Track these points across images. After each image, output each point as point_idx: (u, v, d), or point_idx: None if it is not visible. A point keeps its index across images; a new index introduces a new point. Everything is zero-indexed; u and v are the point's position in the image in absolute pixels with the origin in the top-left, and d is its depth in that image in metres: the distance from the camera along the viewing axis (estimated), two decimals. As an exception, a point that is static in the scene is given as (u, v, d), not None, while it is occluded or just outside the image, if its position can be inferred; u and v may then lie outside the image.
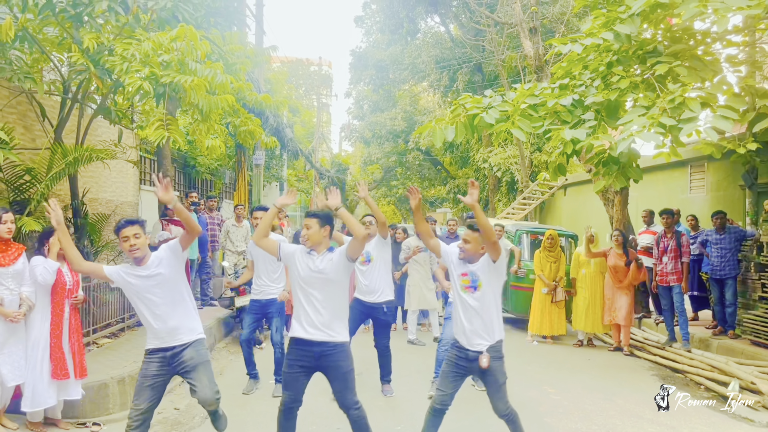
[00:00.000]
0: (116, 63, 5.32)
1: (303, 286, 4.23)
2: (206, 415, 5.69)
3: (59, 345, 4.99)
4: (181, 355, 4.20)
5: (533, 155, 20.73)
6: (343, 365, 4.23)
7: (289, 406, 4.32)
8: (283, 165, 23.84)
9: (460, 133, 7.48)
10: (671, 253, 8.55)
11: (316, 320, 4.18)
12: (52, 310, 4.99)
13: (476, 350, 4.37)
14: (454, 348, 4.52)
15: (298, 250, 4.30)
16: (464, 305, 4.44)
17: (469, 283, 4.43)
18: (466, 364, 4.42)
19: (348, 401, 4.27)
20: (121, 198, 9.75)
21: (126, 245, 4.05)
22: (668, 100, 6.01)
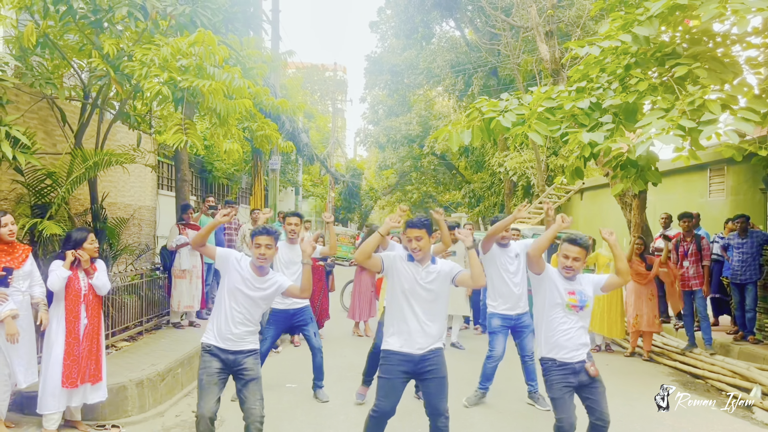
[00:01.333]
0: (135, 68, 5.38)
1: (408, 297, 4.26)
2: (224, 419, 5.74)
3: (71, 352, 4.99)
4: (244, 362, 4.37)
5: (549, 159, 20.63)
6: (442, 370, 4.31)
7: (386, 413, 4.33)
8: (298, 170, 23.97)
9: (476, 137, 7.45)
10: (692, 257, 8.45)
11: (421, 330, 4.23)
12: (66, 317, 5.00)
13: (579, 360, 4.28)
14: (557, 368, 4.29)
15: (398, 258, 4.31)
16: (567, 321, 4.32)
17: (577, 302, 4.33)
18: (573, 379, 4.26)
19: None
20: (140, 202, 9.85)
21: (257, 251, 4.25)
22: (687, 102, 5.94)
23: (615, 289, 8.91)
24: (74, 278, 5.03)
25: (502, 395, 6.62)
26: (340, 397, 6.44)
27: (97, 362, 5.18)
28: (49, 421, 4.97)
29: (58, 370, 4.94)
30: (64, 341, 4.98)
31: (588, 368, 4.22)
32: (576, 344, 4.28)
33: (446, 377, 4.30)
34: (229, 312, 4.30)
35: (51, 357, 4.96)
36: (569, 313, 4.31)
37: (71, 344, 4.99)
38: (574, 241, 4.31)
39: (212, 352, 4.33)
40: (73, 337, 5.01)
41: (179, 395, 6.42)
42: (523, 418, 6.01)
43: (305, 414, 5.90)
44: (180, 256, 8.02)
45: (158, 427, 5.53)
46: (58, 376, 4.93)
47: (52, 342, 4.98)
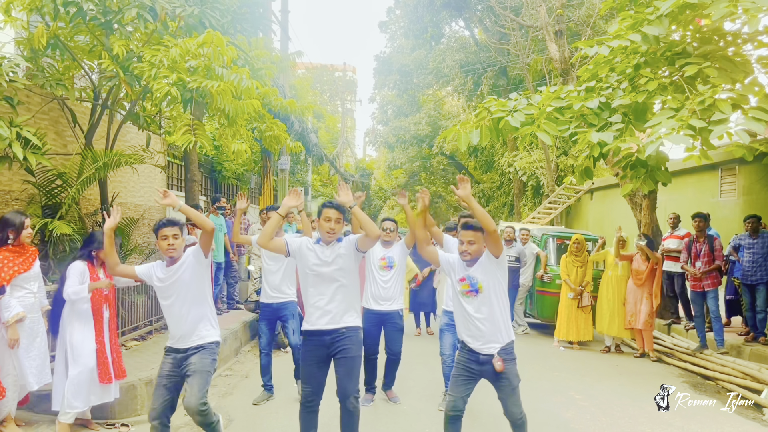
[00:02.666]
0: (145, 69, 5.42)
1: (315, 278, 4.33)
2: (231, 418, 5.76)
3: (103, 350, 5.08)
4: (189, 359, 4.30)
5: (559, 159, 20.56)
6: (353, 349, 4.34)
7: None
8: (307, 170, 23.99)
9: (485, 136, 7.43)
10: (704, 257, 8.39)
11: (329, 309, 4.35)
12: (93, 316, 5.07)
13: (488, 353, 4.18)
14: (465, 351, 4.30)
15: (304, 243, 4.33)
16: (466, 310, 4.22)
17: (469, 287, 4.20)
18: (477, 367, 4.22)
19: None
20: (149, 202, 9.90)
21: (164, 244, 4.19)
22: (698, 101, 5.90)
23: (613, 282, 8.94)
24: (96, 278, 5.09)
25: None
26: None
27: (121, 358, 5.31)
28: (66, 415, 4.99)
29: (92, 368, 5.00)
30: (94, 339, 5.04)
31: (494, 362, 4.12)
32: (481, 337, 4.18)
33: (358, 357, 4.39)
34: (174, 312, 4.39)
35: (81, 357, 4.98)
36: (468, 300, 4.20)
37: (101, 342, 5.08)
38: (466, 226, 4.20)
39: (167, 350, 4.44)
40: (100, 334, 5.10)
41: (188, 394, 6.43)
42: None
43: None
44: None
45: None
46: (90, 375, 4.98)
47: (79, 341, 5.00)
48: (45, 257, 6.26)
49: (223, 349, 7.88)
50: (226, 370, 7.65)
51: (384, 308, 6.14)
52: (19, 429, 4.99)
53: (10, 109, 5.79)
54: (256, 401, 6.25)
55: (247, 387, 6.90)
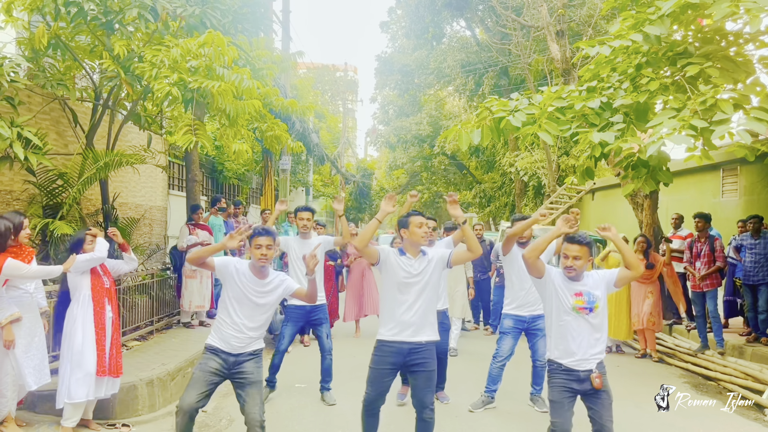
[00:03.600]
0: (146, 69, 5.42)
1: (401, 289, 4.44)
2: (233, 418, 5.76)
3: (100, 341, 5.07)
4: (243, 365, 4.28)
5: (560, 159, 20.54)
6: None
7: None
8: (309, 170, 23.99)
9: (486, 136, 7.42)
10: (704, 258, 8.38)
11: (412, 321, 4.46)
12: (94, 308, 5.06)
13: (587, 369, 4.09)
14: (562, 371, 4.15)
15: (391, 253, 4.46)
16: (577, 326, 4.13)
17: (585, 303, 4.12)
18: (577, 387, 4.11)
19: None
20: (150, 202, 9.90)
21: (257, 252, 4.17)
22: (699, 101, 5.89)
23: (625, 285, 8.90)
24: (97, 274, 5.09)
25: (509, 397, 6.59)
26: (349, 398, 6.43)
27: (120, 355, 5.28)
28: (70, 418, 4.99)
29: (91, 358, 4.99)
30: (93, 331, 5.03)
31: (593, 378, 4.05)
32: (586, 352, 4.11)
33: (435, 371, 4.41)
34: (235, 319, 4.24)
35: (83, 350, 4.97)
36: (578, 316, 4.12)
37: (99, 334, 5.08)
38: (573, 239, 4.12)
39: (214, 351, 4.28)
40: (100, 327, 5.09)
41: (189, 395, 6.43)
42: (529, 420, 5.97)
43: (314, 414, 5.91)
44: None
45: (168, 426, 5.55)
46: (91, 367, 4.97)
47: (77, 332, 4.99)
48: (46, 257, 6.27)
49: (224, 350, 7.89)
50: (227, 370, 7.66)
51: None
52: (20, 429, 4.99)
53: (11, 109, 5.80)
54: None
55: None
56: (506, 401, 6.44)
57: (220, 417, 5.83)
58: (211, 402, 6.33)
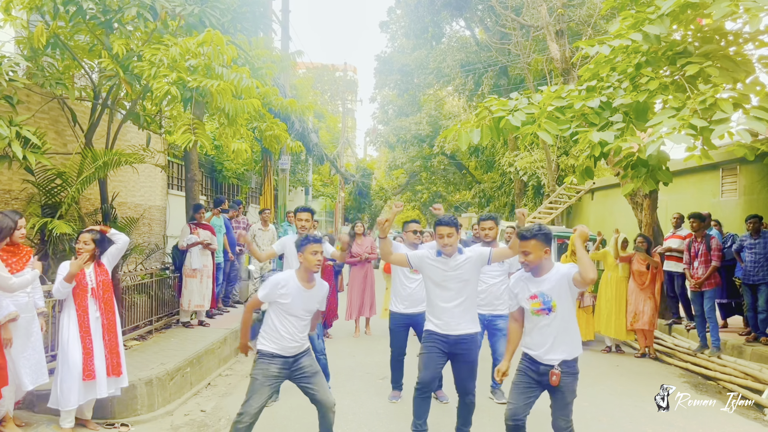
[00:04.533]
0: (144, 68, 5.40)
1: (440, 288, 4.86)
2: (231, 418, 5.74)
3: (86, 345, 5.04)
4: (300, 361, 4.50)
5: (560, 159, 20.53)
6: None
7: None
8: (308, 170, 23.97)
9: (485, 136, 7.42)
10: (701, 257, 8.38)
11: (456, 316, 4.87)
12: (76, 311, 5.04)
13: (548, 364, 4.10)
14: (525, 359, 4.25)
15: (425, 258, 4.87)
16: (536, 326, 4.17)
17: (541, 305, 4.11)
18: (536, 377, 4.16)
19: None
20: (150, 202, 9.88)
21: (314, 259, 4.36)
22: (699, 101, 5.89)
23: (614, 286, 8.97)
24: (81, 274, 5.05)
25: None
26: (348, 397, 6.43)
27: (118, 356, 5.25)
28: (66, 419, 4.99)
29: (78, 365, 4.96)
30: (78, 336, 5.01)
31: (551, 374, 4.03)
32: (547, 351, 4.09)
33: (476, 361, 4.86)
34: (291, 330, 4.42)
35: (68, 354, 4.98)
36: (539, 319, 4.12)
37: (84, 338, 5.03)
38: (522, 235, 4.09)
39: (273, 356, 4.40)
40: (84, 330, 5.04)
41: (188, 394, 6.43)
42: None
43: (313, 415, 5.87)
44: (191, 256, 8.05)
45: (167, 426, 5.55)
46: (78, 372, 4.95)
47: (66, 339, 5.00)
48: (45, 257, 6.25)
49: (224, 349, 7.88)
50: (226, 369, 7.65)
51: (412, 311, 6.32)
52: (19, 429, 4.98)
53: (9, 108, 5.78)
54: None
55: (246, 387, 6.86)
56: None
57: (219, 417, 5.82)
58: (210, 402, 6.35)
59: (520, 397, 4.18)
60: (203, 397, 6.52)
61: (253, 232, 10.24)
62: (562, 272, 4.10)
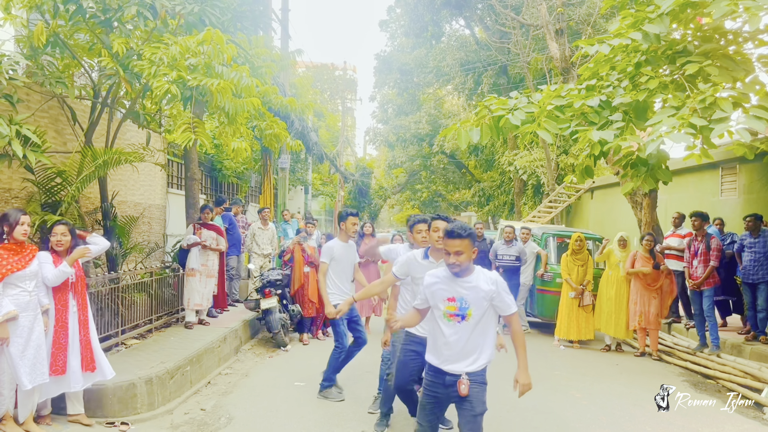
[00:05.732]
0: (144, 67, 5.40)
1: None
2: (231, 416, 5.75)
3: (58, 340, 5.01)
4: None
5: (560, 158, 20.53)
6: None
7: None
8: (308, 169, 23.96)
9: (485, 134, 7.41)
10: (701, 256, 8.38)
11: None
12: (55, 306, 5.02)
13: (454, 374, 3.72)
14: (430, 372, 3.85)
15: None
16: (444, 333, 3.75)
17: (456, 310, 3.73)
18: (441, 390, 3.78)
19: None
20: (149, 201, 9.89)
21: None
22: (699, 100, 5.89)
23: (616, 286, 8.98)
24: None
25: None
26: (348, 397, 6.43)
27: (92, 351, 5.22)
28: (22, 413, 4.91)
29: (47, 358, 4.94)
30: (52, 330, 4.99)
31: (459, 384, 3.66)
32: (457, 356, 3.71)
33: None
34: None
35: (44, 347, 4.94)
36: (449, 323, 3.74)
37: (58, 332, 5.01)
38: (452, 233, 3.66)
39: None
40: (60, 325, 5.02)
41: (188, 393, 6.43)
42: (531, 417, 5.98)
43: (312, 413, 5.90)
44: (191, 255, 8.06)
45: (167, 425, 5.54)
46: (46, 365, 4.93)
47: (25, 327, 4.90)
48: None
49: (223, 348, 7.88)
50: (226, 368, 7.65)
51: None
52: (19, 428, 4.97)
53: (9, 107, 5.78)
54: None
55: (247, 385, 6.89)
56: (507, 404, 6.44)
57: (218, 415, 5.81)
58: (210, 400, 6.35)
59: (429, 417, 3.86)
60: (203, 395, 6.52)
61: (253, 231, 10.25)
62: (486, 286, 3.70)
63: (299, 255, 9.28)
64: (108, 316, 6.60)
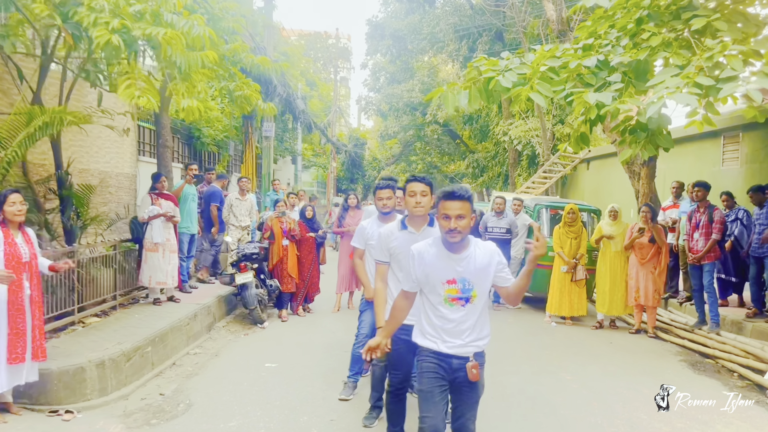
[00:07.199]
0: (84, 15, 4.77)
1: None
2: (191, 402, 5.28)
3: (15, 325, 4.52)
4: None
5: (555, 128, 19.93)
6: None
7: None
8: (297, 138, 23.28)
9: (474, 98, 6.98)
10: (702, 229, 7.90)
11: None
12: (8, 289, 4.51)
13: (462, 356, 3.26)
14: (431, 356, 3.33)
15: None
16: (447, 318, 3.28)
17: (458, 293, 3.24)
18: (446, 378, 3.30)
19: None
20: (117, 169, 9.28)
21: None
22: (705, 57, 5.39)
23: (617, 259, 8.48)
24: (13, 243, 4.51)
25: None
26: (320, 379, 5.98)
27: (43, 337, 4.76)
28: None
29: (3, 345, 4.48)
30: (6, 313, 4.50)
31: (469, 368, 3.22)
32: (464, 340, 3.26)
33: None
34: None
35: None
36: (450, 310, 3.26)
37: (14, 317, 4.53)
38: (452, 194, 3.16)
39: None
40: (16, 308, 4.54)
41: (149, 375, 5.95)
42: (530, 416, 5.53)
43: (280, 398, 5.42)
44: (152, 228, 7.41)
45: (119, 412, 5.06)
46: (3, 353, 4.47)
47: None
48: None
49: (193, 326, 7.40)
50: (196, 347, 7.17)
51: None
52: None
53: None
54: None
55: (215, 366, 6.43)
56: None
57: (178, 401, 5.34)
58: (172, 383, 5.88)
59: (438, 406, 3.28)
60: (166, 378, 6.05)
61: (230, 201, 9.68)
62: (485, 259, 3.25)
63: (278, 228, 8.77)
64: (62, 293, 6.08)
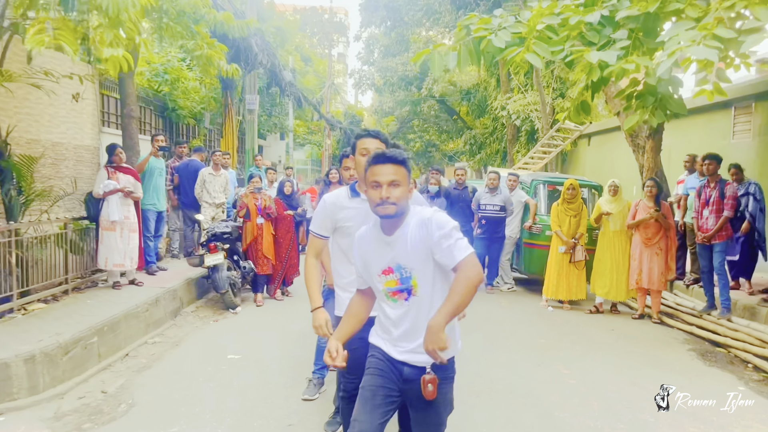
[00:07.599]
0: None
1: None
2: (134, 402, 4.63)
3: None
4: None
5: (555, 101, 19.09)
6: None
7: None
8: (287, 113, 22.42)
9: (463, 60, 6.36)
10: (713, 206, 7.21)
11: None
12: None
13: (415, 366, 2.57)
14: (377, 354, 2.69)
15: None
16: (390, 317, 2.62)
17: (397, 284, 2.57)
18: (397, 385, 2.62)
19: None
20: (75, 141, 8.53)
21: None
22: (726, 6, 4.68)
23: (619, 239, 7.80)
24: None
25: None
26: (286, 372, 5.32)
27: None
28: None
29: None
30: None
31: (424, 382, 2.45)
32: (415, 344, 2.53)
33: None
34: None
35: None
36: (395, 304, 2.59)
37: None
38: (382, 156, 2.52)
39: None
40: None
41: (93, 370, 5.28)
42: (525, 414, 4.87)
43: (234, 397, 4.76)
44: (108, 205, 6.70)
45: (49, 414, 4.41)
46: None
47: None
48: None
49: (154, 312, 6.73)
50: (156, 336, 6.51)
51: None
52: None
53: None
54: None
55: (172, 358, 5.77)
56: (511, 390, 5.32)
57: (120, 401, 4.67)
58: (119, 379, 5.21)
59: (375, 413, 2.58)
60: (114, 372, 5.38)
61: (203, 176, 8.96)
62: (419, 232, 2.49)
63: (252, 205, 8.08)
64: (-3, 277, 5.41)
